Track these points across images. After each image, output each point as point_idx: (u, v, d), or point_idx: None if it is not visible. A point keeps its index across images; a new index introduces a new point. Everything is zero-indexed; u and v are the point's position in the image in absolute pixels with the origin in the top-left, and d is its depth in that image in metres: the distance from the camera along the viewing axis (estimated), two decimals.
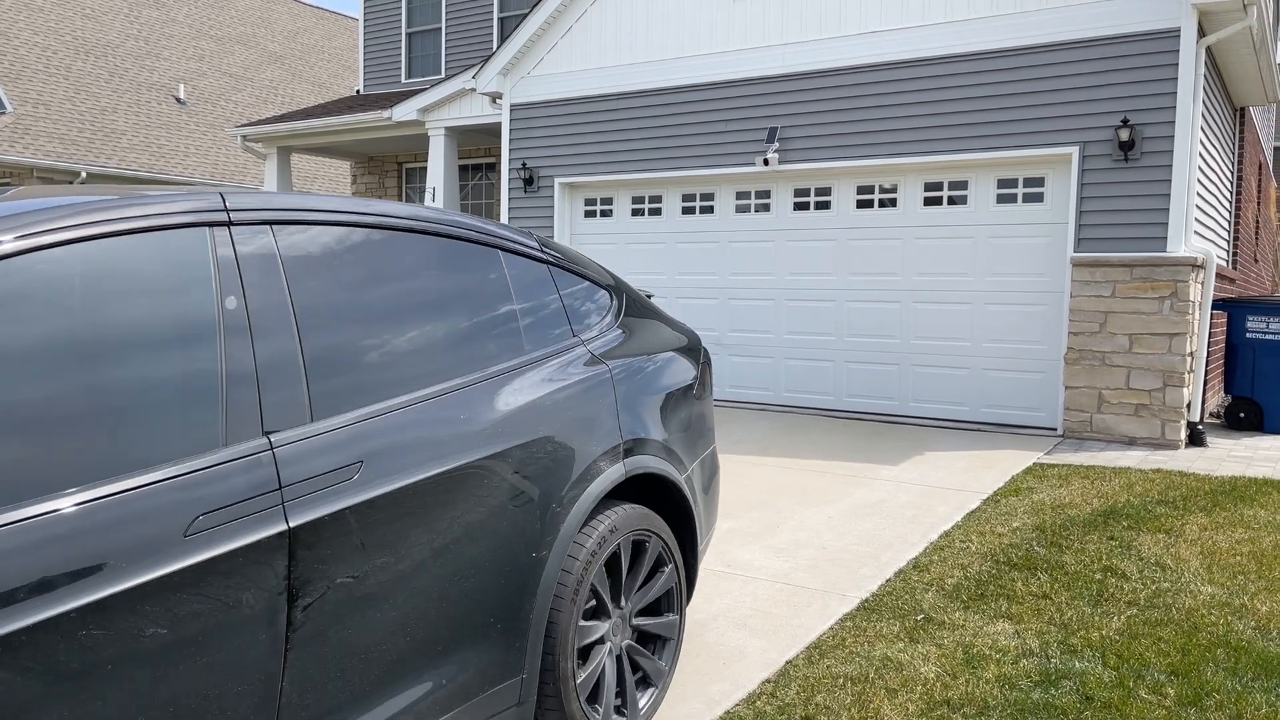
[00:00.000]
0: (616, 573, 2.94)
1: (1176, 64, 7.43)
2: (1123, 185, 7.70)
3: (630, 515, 2.93)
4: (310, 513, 2.06)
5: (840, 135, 8.90)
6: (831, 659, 3.56)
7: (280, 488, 2.02)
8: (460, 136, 12.98)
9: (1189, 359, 7.65)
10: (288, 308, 2.19)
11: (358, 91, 16.15)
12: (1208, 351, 8.48)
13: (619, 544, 2.89)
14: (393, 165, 15.86)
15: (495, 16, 14.29)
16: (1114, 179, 7.73)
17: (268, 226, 2.24)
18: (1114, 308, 7.78)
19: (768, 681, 3.39)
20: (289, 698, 2.02)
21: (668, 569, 3.14)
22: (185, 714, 1.84)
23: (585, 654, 2.86)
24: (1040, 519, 5.42)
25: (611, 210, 10.60)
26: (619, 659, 2.96)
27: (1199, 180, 8.21)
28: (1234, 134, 10.72)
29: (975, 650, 3.63)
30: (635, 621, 3.05)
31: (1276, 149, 20.92)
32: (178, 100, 21.60)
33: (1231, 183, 10.82)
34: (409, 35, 15.24)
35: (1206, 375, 8.46)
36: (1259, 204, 13.21)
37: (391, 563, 2.22)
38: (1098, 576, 4.46)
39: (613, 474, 2.88)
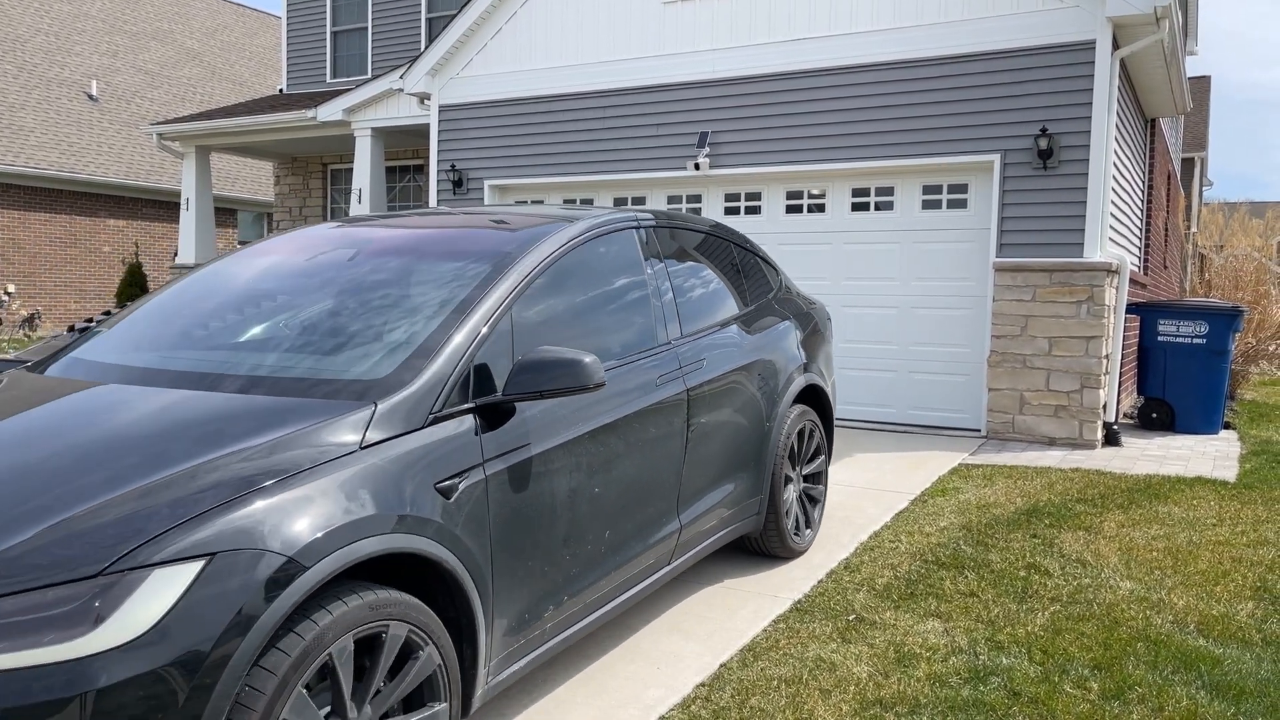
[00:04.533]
0: (790, 450, 4.66)
1: (1092, 75, 7.65)
2: (1042, 192, 7.91)
3: (803, 410, 4.77)
4: (692, 381, 3.82)
5: (770, 140, 8.97)
6: (766, 661, 3.56)
7: (680, 368, 3.77)
8: (388, 137, 12.77)
9: (1105, 361, 7.89)
10: (666, 274, 3.96)
11: (281, 90, 15.79)
12: (1122, 354, 8.77)
13: (798, 428, 4.68)
14: (317, 166, 15.54)
15: (423, 16, 14.10)
16: (1034, 186, 7.93)
17: (653, 230, 4.00)
18: (1034, 311, 7.98)
19: (702, 685, 3.38)
20: (684, 479, 3.76)
21: (817, 438, 4.98)
22: (659, 473, 3.57)
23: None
24: (966, 518, 5.52)
25: None
26: (798, 498, 4.80)
27: (1113, 188, 8.48)
28: (1146, 145, 11.10)
29: (906, 649, 3.67)
30: (804, 471, 4.87)
31: (1184, 160, 21.77)
32: (90, 97, 20.84)
33: (1143, 192, 11.20)
34: (334, 34, 14.94)
35: (1121, 377, 8.73)
36: (1169, 212, 13.70)
37: (717, 415, 3.98)
38: (1022, 574, 4.55)
39: (800, 381, 4.72)
